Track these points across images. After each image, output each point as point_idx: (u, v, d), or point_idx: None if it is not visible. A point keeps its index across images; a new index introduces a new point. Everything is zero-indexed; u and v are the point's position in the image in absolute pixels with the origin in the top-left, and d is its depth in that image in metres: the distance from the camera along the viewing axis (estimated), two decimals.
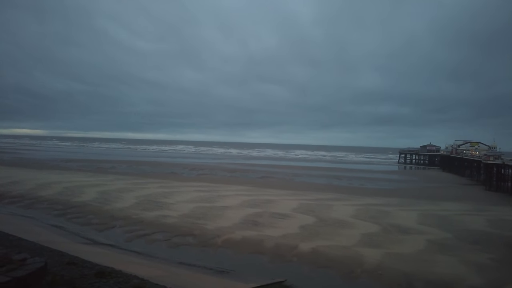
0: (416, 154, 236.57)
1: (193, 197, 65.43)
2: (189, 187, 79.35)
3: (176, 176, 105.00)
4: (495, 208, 64.85)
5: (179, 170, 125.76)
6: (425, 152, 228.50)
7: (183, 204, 58.05)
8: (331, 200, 68.18)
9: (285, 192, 75.88)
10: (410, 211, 58.68)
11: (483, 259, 34.19)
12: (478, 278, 29.18)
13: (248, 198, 66.55)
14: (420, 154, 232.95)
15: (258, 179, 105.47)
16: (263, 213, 53.28)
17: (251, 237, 39.74)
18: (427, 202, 69.85)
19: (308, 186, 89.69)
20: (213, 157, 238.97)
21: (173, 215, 49.94)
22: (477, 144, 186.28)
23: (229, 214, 51.76)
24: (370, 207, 62.06)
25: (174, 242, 37.39)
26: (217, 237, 39.24)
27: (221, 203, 60.70)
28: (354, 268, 30.94)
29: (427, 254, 34.97)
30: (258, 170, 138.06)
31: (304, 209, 57.65)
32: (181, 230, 42.00)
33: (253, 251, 35.07)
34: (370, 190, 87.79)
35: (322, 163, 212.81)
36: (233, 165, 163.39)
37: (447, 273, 29.84)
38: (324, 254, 34.38)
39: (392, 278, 28.89)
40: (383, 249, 36.35)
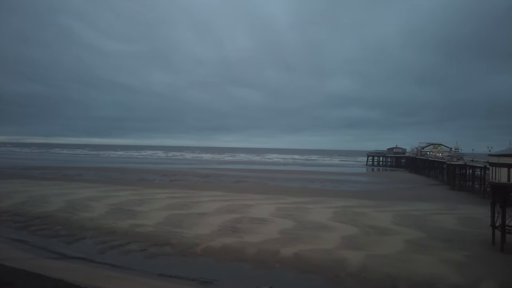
0: (384, 157, 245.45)
1: (168, 204, 63.20)
2: (162, 194, 76.76)
3: (148, 182, 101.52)
4: (461, 206, 67.90)
5: (150, 176, 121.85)
6: (392, 154, 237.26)
7: (158, 212, 55.81)
8: (308, 203, 68.42)
9: (261, 197, 75.31)
10: (385, 212, 60.02)
11: (459, 256, 35.24)
12: (457, 276, 29.91)
13: (224, 203, 65.29)
14: (387, 156, 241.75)
15: (233, 183, 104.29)
16: (241, 218, 52.30)
17: (232, 244, 38.65)
18: (399, 202, 71.91)
19: (283, 190, 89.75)
20: (185, 162, 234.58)
21: (148, 223, 47.75)
22: (439, 146, 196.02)
23: (206, 221, 50.31)
24: (346, 209, 62.86)
25: (151, 252, 35.53)
26: (196, 246, 37.79)
27: (197, 209, 59.03)
28: (338, 272, 30.73)
29: (407, 255, 35.55)
30: (232, 174, 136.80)
31: (282, 213, 57.31)
32: (158, 239, 40.10)
33: (235, 259, 34.01)
34: (343, 192, 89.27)
35: (295, 166, 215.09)
36: (206, 170, 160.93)
37: (428, 273, 30.36)
38: (306, 259, 33.98)
39: (377, 280, 28.94)
40: (364, 251, 36.56)
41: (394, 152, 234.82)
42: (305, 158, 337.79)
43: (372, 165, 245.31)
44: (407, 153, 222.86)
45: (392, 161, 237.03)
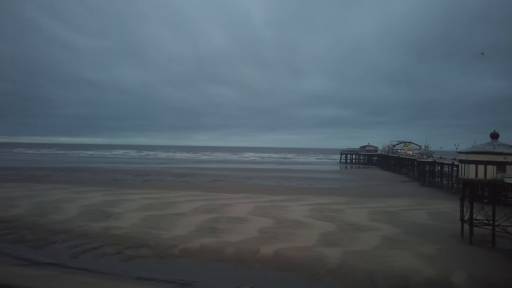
0: (356, 154, 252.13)
1: (143, 205, 61.49)
2: (136, 194, 74.65)
3: (121, 183, 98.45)
4: (431, 202, 70.73)
5: (123, 176, 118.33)
6: (364, 152, 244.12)
7: (133, 213, 54.15)
8: (285, 201, 68.84)
9: (239, 195, 74.97)
10: (360, 209, 61.41)
11: (431, 250, 36.57)
12: (430, 269, 30.97)
13: (201, 203, 64.40)
14: (360, 154, 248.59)
15: (209, 183, 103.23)
16: (219, 218, 51.74)
17: (210, 244, 38.09)
18: (373, 199, 73.89)
19: (260, 188, 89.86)
20: (159, 161, 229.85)
21: (123, 225, 46.18)
22: (410, 144, 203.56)
23: (183, 221, 49.35)
24: (323, 206, 63.78)
25: (127, 255, 34.33)
26: (174, 247, 36.92)
27: (174, 210, 57.84)
28: (318, 269, 31.00)
29: (383, 250, 36.46)
30: (208, 173, 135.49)
31: (260, 211, 57.27)
32: (133, 241, 38.84)
33: (214, 259, 33.51)
34: (319, 190, 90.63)
35: (272, 164, 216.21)
36: (182, 169, 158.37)
37: (404, 267, 31.24)
38: (286, 257, 34.04)
39: (356, 276, 29.43)
40: (342, 248, 37.14)
41: (367, 150, 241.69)
42: (282, 157, 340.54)
43: (346, 162, 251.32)
44: (379, 151, 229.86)
45: (364, 158, 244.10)
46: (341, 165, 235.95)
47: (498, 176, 37.47)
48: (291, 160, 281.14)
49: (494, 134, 41.20)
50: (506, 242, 40.24)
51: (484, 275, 29.69)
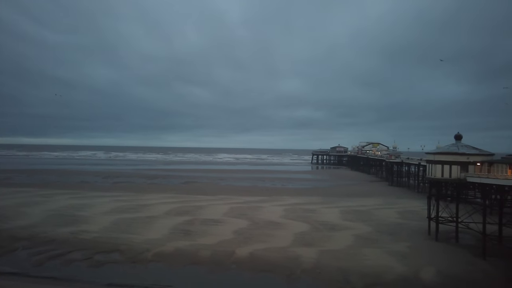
0: (327, 155, 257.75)
1: (113, 208, 59.32)
2: (105, 197, 71.95)
3: (89, 185, 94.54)
4: (400, 201, 73.43)
5: (91, 178, 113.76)
6: (335, 153, 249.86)
7: (102, 216, 52.09)
8: (260, 202, 68.92)
9: (213, 197, 74.17)
10: (333, 208, 62.65)
11: (401, 247, 37.89)
12: (401, 265, 32.08)
13: (174, 205, 63.09)
14: (331, 154, 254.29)
15: (182, 184, 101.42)
16: (193, 220, 50.89)
17: (185, 247, 37.33)
18: (345, 199, 75.65)
19: (234, 190, 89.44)
20: (129, 163, 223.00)
21: (92, 229, 44.27)
22: (378, 145, 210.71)
23: (156, 224, 48.09)
24: (296, 206, 64.46)
25: (97, 261, 32.90)
26: (147, 251, 35.83)
27: (146, 212, 56.26)
28: (294, 269, 31.20)
29: (356, 249, 37.32)
30: (181, 175, 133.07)
31: (235, 213, 56.95)
32: (104, 246, 37.30)
33: (189, 263, 32.85)
34: (293, 190, 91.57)
35: (246, 165, 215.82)
36: (153, 171, 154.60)
37: (376, 265, 32.14)
38: (262, 258, 34.02)
39: (330, 275, 29.89)
40: (317, 247, 37.63)
41: (337, 151, 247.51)
42: (256, 158, 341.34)
43: (317, 163, 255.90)
44: (348, 152, 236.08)
45: (335, 159, 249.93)
46: (313, 165, 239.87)
47: (461, 176, 39.48)
48: (265, 161, 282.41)
49: (458, 136, 43.42)
50: (468, 237, 42.47)
51: (450, 269, 31.15)
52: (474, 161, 39.46)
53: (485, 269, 31.56)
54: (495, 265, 32.52)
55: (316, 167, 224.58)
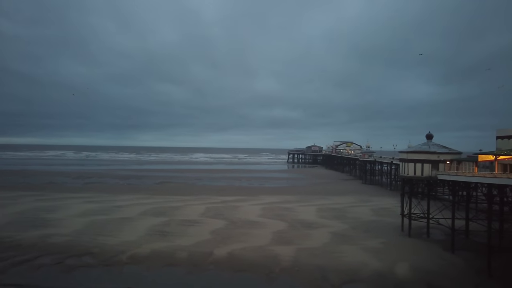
0: (303, 154, 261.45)
1: (84, 210, 57.06)
2: (76, 198, 69.12)
3: (58, 186, 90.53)
4: (373, 198, 75.50)
5: (60, 179, 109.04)
6: (310, 152, 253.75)
7: (73, 219, 49.97)
8: (237, 201, 68.64)
9: (189, 197, 73.05)
10: (309, 206, 63.44)
11: (376, 244, 38.90)
12: (376, 261, 32.91)
13: (149, 206, 61.58)
14: (306, 154, 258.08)
15: (156, 185, 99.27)
16: (169, 221, 49.86)
17: (161, 249, 36.47)
18: (320, 197, 76.82)
19: (211, 189, 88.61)
20: (101, 163, 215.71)
21: (63, 232, 42.33)
22: (352, 144, 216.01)
23: (131, 226, 46.72)
24: (274, 205, 64.75)
25: (68, 265, 31.45)
26: (122, 253, 34.69)
27: (119, 214, 54.54)
28: (272, 268, 31.23)
29: (333, 246, 37.93)
30: (155, 175, 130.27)
31: (212, 213, 56.37)
32: (76, 249, 35.74)
33: (166, 264, 32.10)
34: (269, 189, 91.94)
35: (221, 165, 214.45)
36: (126, 171, 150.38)
37: (353, 261, 32.79)
38: (241, 258, 33.82)
39: (308, 272, 30.15)
40: (294, 246, 37.90)
41: (312, 150, 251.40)
42: (232, 157, 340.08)
43: (293, 162, 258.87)
44: (323, 151, 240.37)
45: (310, 158, 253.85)
46: (289, 164, 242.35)
47: (433, 173, 41.07)
48: (242, 161, 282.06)
49: (429, 135, 45.14)
50: (438, 233, 44.28)
51: (422, 263, 32.32)
52: (444, 159, 41.17)
53: (454, 262, 32.99)
54: (463, 258, 34.07)
55: (292, 166, 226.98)
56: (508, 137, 37.44)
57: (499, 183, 29.19)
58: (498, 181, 29.07)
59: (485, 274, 29.73)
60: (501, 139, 38.30)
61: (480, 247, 34.76)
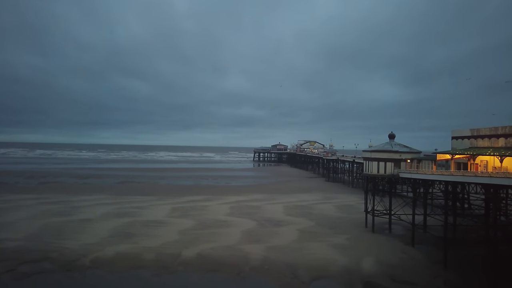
0: (268, 153, 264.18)
1: (40, 212, 53.38)
2: (30, 199, 64.49)
3: (8, 186, 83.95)
4: (337, 195, 77.82)
5: (11, 178, 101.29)
6: (275, 150, 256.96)
7: (27, 222, 46.56)
8: (203, 200, 67.67)
9: (153, 197, 70.82)
10: (276, 204, 64.06)
11: (342, 240, 40.09)
12: (343, 257, 33.91)
13: (111, 207, 58.93)
14: (272, 152, 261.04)
15: (118, 184, 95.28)
16: (133, 222, 48.01)
17: (126, 251, 35.02)
18: (287, 195, 77.89)
19: (176, 189, 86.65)
20: (57, 161, 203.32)
21: (15, 236, 39.25)
22: (315, 143, 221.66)
23: (93, 227, 44.42)
24: (241, 203, 64.64)
25: (23, 272, 29.19)
26: (84, 257, 32.86)
27: (80, 215, 51.67)
28: (242, 267, 31.11)
29: (301, 243, 38.53)
30: (116, 174, 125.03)
31: (179, 213, 55.10)
32: (31, 254, 33.27)
33: (132, 267, 30.85)
34: (236, 188, 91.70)
35: (186, 164, 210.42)
36: (84, 170, 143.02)
37: (321, 258, 33.52)
38: (210, 258, 33.36)
39: (278, 270, 30.38)
40: (263, 244, 38.04)
41: (277, 149, 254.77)
42: (198, 155, 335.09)
43: (259, 160, 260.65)
44: (288, 150, 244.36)
45: (275, 156, 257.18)
46: (255, 163, 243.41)
47: (395, 172, 43.03)
48: (208, 159, 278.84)
49: (391, 135, 47.25)
50: (400, 228, 46.53)
51: (386, 258, 33.78)
52: (406, 158, 43.30)
53: (415, 256, 34.82)
54: (422, 251, 36.08)
55: (258, 164, 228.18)
56: (462, 137, 40.12)
57: (456, 180, 31.18)
58: (455, 179, 31.05)
59: (441, 266, 31.67)
60: (456, 139, 40.97)
61: (437, 241, 36.96)
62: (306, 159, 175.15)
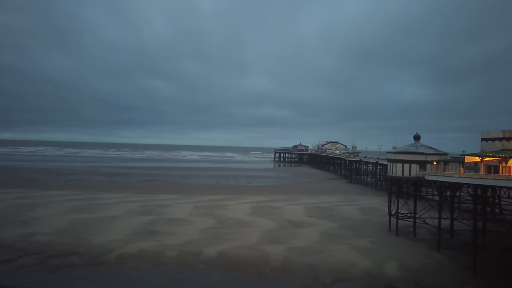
0: (289, 153, 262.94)
1: (68, 208, 55.53)
2: (59, 196, 67.24)
3: (39, 183, 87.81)
4: (359, 198, 76.42)
5: (42, 176, 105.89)
6: (296, 151, 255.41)
7: (57, 217, 48.52)
8: (224, 200, 68.23)
9: (175, 196, 72.13)
10: (297, 206, 63.66)
11: (364, 243, 39.32)
12: (365, 260, 33.24)
13: (135, 204, 60.47)
14: (292, 153, 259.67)
15: (142, 183, 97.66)
16: (157, 220, 49.06)
17: (150, 248, 35.82)
18: (308, 196, 77.24)
19: (198, 188, 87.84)
20: (84, 159, 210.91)
21: (45, 231, 41.01)
22: (337, 144, 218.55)
23: (118, 224, 45.73)
24: (262, 204, 64.69)
25: (53, 265, 30.45)
26: (109, 253, 33.89)
27: (105, 212, 53.32)
28: (263, 267, 31.11)
29: (323, 245, 38.10)
30: (140, 173, 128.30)
31: (200, 211, 55.82)
32: (60, 248, 34.66)
33: (154, 264, 31.52)
34: (257, 188, 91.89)
35: (207, 163, 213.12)
36: (110, 168, 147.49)
37: (342, 260, 33.02)
38: (231, 257, 33.56)
39: (299, 272, 30.17)
40: (284, 245, 37.89)
41: (298, 149, 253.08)
42: (219, 155, 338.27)
43: (279, 161, 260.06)
44: (309, 150, 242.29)
45: (296, 157, 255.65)
46: (275, 163, 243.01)
47: (420, 174, 41.78)
48: (229, 159, 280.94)
49: (417, 136, 45.90)
50: (425, 232, 45.11)
51: (410, 262, 32.86)
52: (431, 160, 41.94)
53: (441, 261, 33.67)
54: (449, 257, 34.81)
55: (278, 165, 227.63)
56: (492, 139, 38.45)
57: (486, 183, 29.90)
58: (485, 182, 29.77)
59: (470, 272, 30.45)
60: (486, 141, 39.31)
61: (465, 246, 35.56)
62: (328, 160, 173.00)
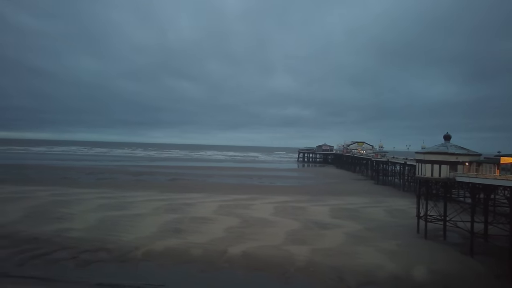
0: (313, 153, 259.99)
1: (98, 205, 57.70)
2: (90, 193, 69.99)
3: (71, 181, 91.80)
4: (386, 199, 74.39)
5: (73, 174, 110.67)
6: (320, 151, 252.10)
7: (87, 214, 50.53)
8: (249, 199, 68.50)
9: (201, 195, 73.23)
10: (322, 206, 62.86)
11: (391, 245, 38.22)
12: (392, 263, 32.31)
13: (162, 203, 61.90)
14: (317, 153, 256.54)
15: (168, 181, 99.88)
16: (182, 218, 50.01)
17: (175, 246, 36.55)
18: (333, 196, 76.09)
19: (222, 187, 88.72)
20: (112, 159, 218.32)
21: (77, 227, 42.83)
22: (363, 144, 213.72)
23: (144, 222, 47.00)
24: (286, 204, 64.40)
25: (84, 260, 31.74)
26: (136, 250, 34.89)
27: (133, 210, 54.95)
28: (287, 267, 30.96)
29: (348, 247, 37.41)
30: (167, 172, 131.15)
31: (225, 210, 56.34)
32: (90, 244, 36.08)
33: (180, 261, 32.14)
34: (281, 188, 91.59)
35: (233, 163, 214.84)
36: (138, 167, 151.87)
37: (368, 263, 32.26)
38: (255, 256, 33.63)
39: (324, 273, 29.78)
40: (309, 246, 37.51)
41: (323, 149, 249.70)
42: (243, 155, 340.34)
43: (303, 161, 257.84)
44: (334, 150, 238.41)
45: (321, 157, 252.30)
46: (299, 163, 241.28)
47: (450, 175, 40.10)
48: (253, 159, 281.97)
49: (447, 136, 44.08)
50: (455, 235, 43.25)
51: (439, 266, 31.59)
52: (463, 161, 40.14)
53: (473, 266, 32.16)
54: (483, 262, 33.16)
55: (303, 165, 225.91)
56: None
57: None
58: None
59: (506, 280, 28.91)
60: None
61: (501, 252, 33.80)
62: (354, 160, 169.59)
